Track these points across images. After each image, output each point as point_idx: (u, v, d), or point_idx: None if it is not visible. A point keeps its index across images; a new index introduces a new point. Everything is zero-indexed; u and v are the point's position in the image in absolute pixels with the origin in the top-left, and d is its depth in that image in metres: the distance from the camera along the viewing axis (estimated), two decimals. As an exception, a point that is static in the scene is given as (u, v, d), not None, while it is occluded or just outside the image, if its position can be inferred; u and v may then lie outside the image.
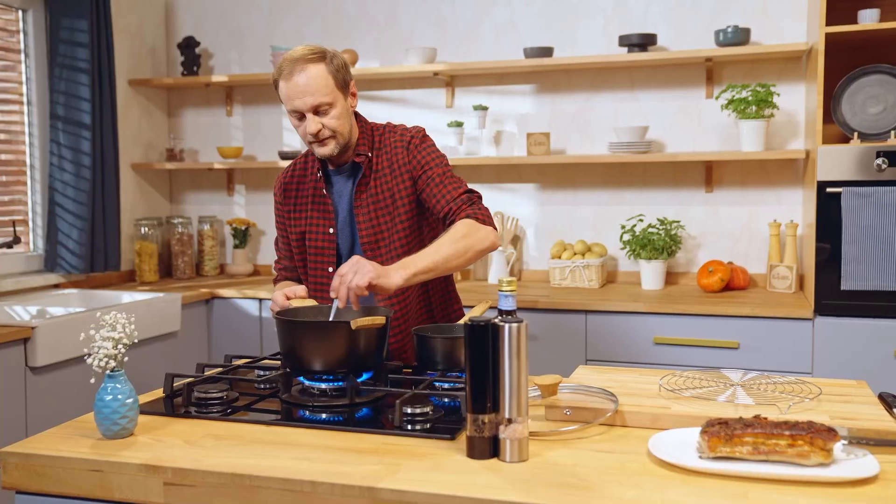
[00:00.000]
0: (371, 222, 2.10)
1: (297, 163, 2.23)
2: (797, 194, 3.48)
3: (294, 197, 2.20)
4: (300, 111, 1.99)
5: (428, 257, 1.90)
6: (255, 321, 3.60)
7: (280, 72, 1.99)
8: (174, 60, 4.29)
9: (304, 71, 1.96)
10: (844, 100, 3.09)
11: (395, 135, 2.14)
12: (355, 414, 1.65)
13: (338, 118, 2.01)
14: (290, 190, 2.21)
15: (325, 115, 2.00)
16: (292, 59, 1.98)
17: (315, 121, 1.98)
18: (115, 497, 1.42)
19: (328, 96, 1.98)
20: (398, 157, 2.10)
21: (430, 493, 1.26)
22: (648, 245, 3.43)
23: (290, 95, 1.98)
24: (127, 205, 4.01)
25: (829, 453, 1.29)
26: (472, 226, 1.99)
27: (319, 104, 1.98)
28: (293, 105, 1.99)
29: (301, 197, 2.19)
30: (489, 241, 2.01)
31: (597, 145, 3.71)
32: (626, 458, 1.39)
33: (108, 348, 1.49)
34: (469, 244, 1.96)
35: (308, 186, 2.18)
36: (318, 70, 1.97)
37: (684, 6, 3.56)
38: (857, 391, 1.70)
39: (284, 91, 1.99)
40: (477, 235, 1.98)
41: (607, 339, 3.14)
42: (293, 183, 2.21)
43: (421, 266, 1.88)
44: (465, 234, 1.96)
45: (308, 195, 2.17)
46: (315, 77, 1.97)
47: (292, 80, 1.97)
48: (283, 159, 3.95)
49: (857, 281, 2.87)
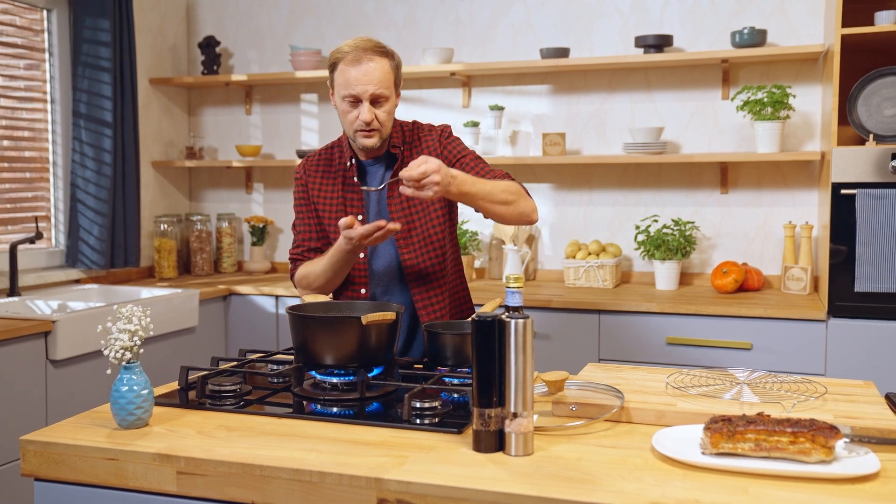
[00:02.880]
0: (403, 212, 2.16)
1: (323, 152, 2.28)
2: (813, 196, 3.47)
3: (320, 183, 2.24)
4: (358, 98, 2.06)
5: (476, 183, 2.00)
6: (271, 318, 3.64)
7: (343, 56, 2.06)
8: (195, 59, 4.35)
9: (371, 61, 2.05)
10: (860, 101, 3.08)
11: (425, 130, 2.23)
12: (365, 408, 1.68)
13: (388, 113, 2.11)
14: (315, 176, 2.25)
15: (379, 108, 2.09)
16: (361, 48, 2.06)
17: (370, 110, 2.07)
18: (130, 485, 1.45)
19: (387, 90, 2.08)
20: (432, 150, 2.18)
21: (435, 484, 1.28)
22: (663, 246, 3.44)
23: (352, 81, 2.05)
24: (147, 202, 4.07)
25: (831, 451, 1.30)
26: (520, 190, 2.11)
27: (379, 95, 2.07)
28: (353, 90, 2.06)
29: (326, 184, 2.23)
30: (531, 207, 2.12)
31: (612, 146, 3.72)
32: (629, 453, 1.41)
33: (125, 340, 1.53)
34: (513, 199, 2.08)
35: (336, 174, 2.22)
36: (383, 63, 2.07)
37: (701, 7, 3.57)
38: (863, 391, 1.70)
39: (347, 75, 2.06)
40: (523, 198, 2.11)
41: (620, 338, 3.15)
42: (319, 168, 2.25)
43: (467, 188, 1.98)
44: (515, 191, 2.09)
45: (337, 183, 2.21)
46: (381, 69, 2.06)
47: (360, 66, 2.05)
48: (301, 158, 3.99)
49: (870, 283, 2.87)
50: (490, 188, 2.04)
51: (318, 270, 2.16)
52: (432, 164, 1.87)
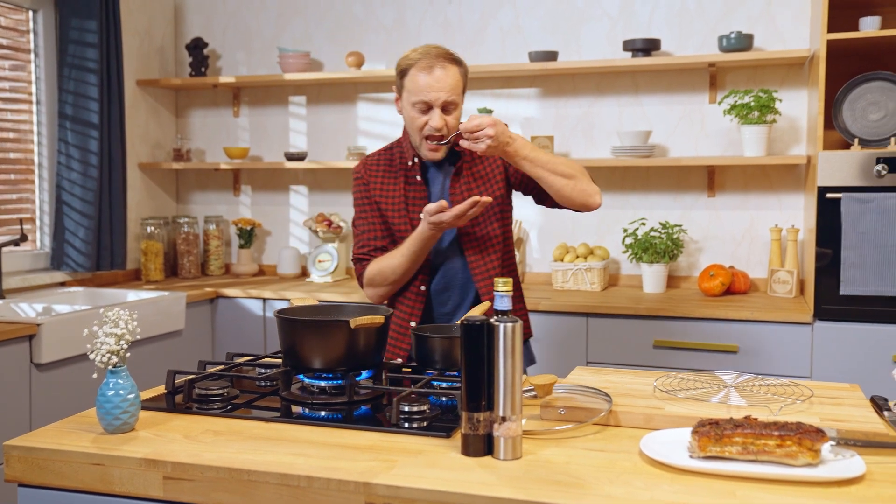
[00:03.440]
0: None
1: (383, 152, 2.32)
2: (799, 199, 3.49)
3: (380, 182, 2.27)
4: (430, 104, 2.09)
5: (536, 150, 2.06)
6: (258, 321, 3.63)
7: (415, 62, 2.10)
8: (182, 61, 4.33)
9: (444, 68, 2.09)
10: (845, 106, 3.10)
11: None
12: (353, 412, 1.68)
13: (457, 119, 2.15)
14: (377, 175, 2.28)
15: (449, 115, 2.13)
16: (434, 55, 2.10)
17: (441, 116, 2.10)
18: (116, 490, 1.44)
19: (458, 97, 2.13)
20: None
21: (423, 488, 1.28)
22: (650, 249, 3.45)
23: (426, 87, 2.08)
24: (133, 204, 4.05)
25: (817, 454, 1.31)
26: (584, 170, 2.15)
27: (451, 102, 2.11)
28: (426, 97, 2.09)
29: (387, 183, 2.26)
30: (595, 190, 2.14)
31: (600, 149, 3.73)
32: (617, 457, 1.41)
33: (111, 344, 1.52)
34: (576, 175, 2.11)
35: (397, 173, 2.25)
36: (455, 71, 2.12)
37: (688, 12, 3.58)
38: (848, 394, 1.71)
39: (419, 80, 2.09)
40: (586, 178, 2.15)
41: (608, 341, 3.16)
42: (380, 169, 2.28)
43: (526, 152, 2.04)
44: (578, 168, 2.13)
45: (399, 182, 2.24)
46: (453, 76, 2.11)
47: (433, 73, 2.08)
48: (289, 160, 3.98)
49: (856, 286, 2.88)
50: (551, 157, 2.09)
51: (396, 263, 2.19)
52: (488, 119, 1.96)
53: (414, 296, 2.25)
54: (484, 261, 2.24)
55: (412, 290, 2.26)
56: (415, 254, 2.16)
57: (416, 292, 2.25)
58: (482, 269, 2.23)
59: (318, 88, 4.13)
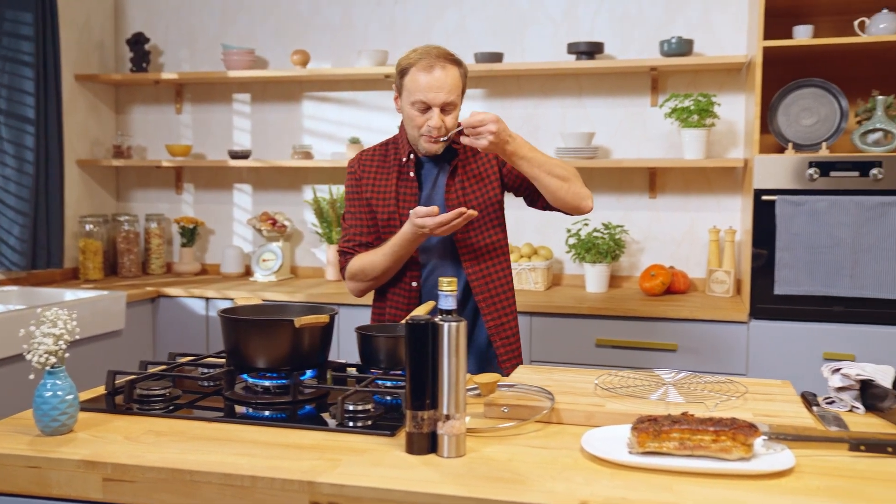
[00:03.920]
0: (463, 205, 2.19)
1: (378, 147, 2.32)
2: (736, 201, 3.59)
3: (373, 177, 2.27)
4: (429, 104, 2.10)
5: (534, 150, 2.08)
6: (201, 320, 3.58)
7: (415, 62, 2.10)
8: (123, 56, 4.25)
9: (444, 69, 2.09)
10: (780, 111, 3.20)
11: None
12: (298, 411, 1.68)
13: (455, 119, 2.16)
14: (370, 170, 2.28)
15: (448, 115, 2.13)
16: (434, 55, 2.10)
17: (439, 116, 2.11)
18: (53, 493, 1.42)
19: (457, 97, 2.14)
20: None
21: (368, 486, 1.29)
22: (593, 249, 3.51)
23: (425, 86, 2.09)
24: (72, 201, 3.96)
25: (750, 448, 1.35)
26: (577, 174, 2.18)
27: (450, 102, 2.11)
28: (425, 97, 2.09)
29: (381, 178, 2.26)
30: (587, 193, 2.18)
31: (545, 150, 3.70)
32: (559, 453, 1.44)
33: (49, 344, 1.49)
34: (570, 178, 2.14)
35: (391, 169, 2.26)
36: (455, 72, 2.13)
37: (630, 16, 3.65)
38: (780, 390, 1.77)
39: (419, 80, 2.09)
40: (579, 181, 2.18)
41: (551, 340, 3.20)
42: (373, 163, 2.29)
43: (525, 152, 2.06)
44: (572, 171, 2.16)
45: (391, 177, 2.24)
46: (453, 77, 2.11)
47: (432, 73, 2.09)
48: (233, 158, 3.94)
49: (789, 286, 2.98)
50: (547, 158, 2.12)
51: (377, 261, 2.19)
52: (491, 115, 1.98)
53: (406, 293, 2.25)
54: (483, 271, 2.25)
55: (402, 287, 2.25)
56: (397, 254, 2.16)
57: (407, 289, 2.25)
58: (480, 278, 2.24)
59: (263, 86, 4.10)
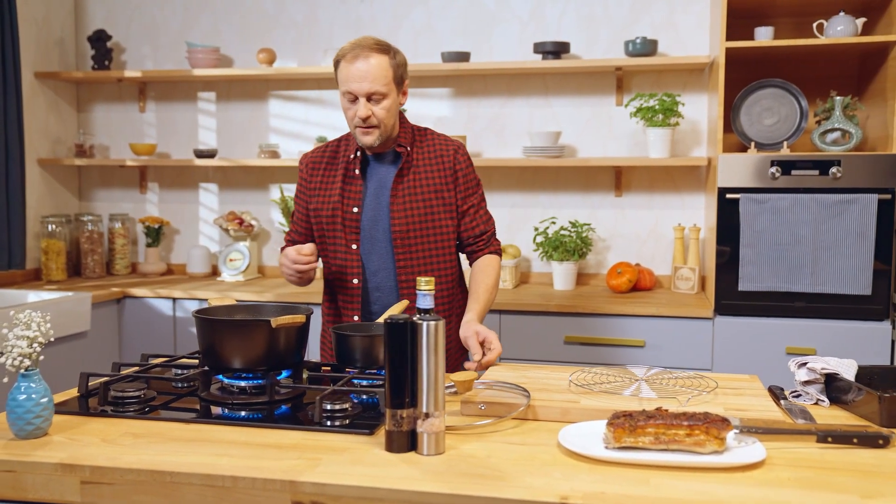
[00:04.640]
0: (406, 211, 2.20)
1: (330, 144, 2.33)
2: (700, 199, 3.65)
3: (321, 174, 2.28)
4: (356, 94, 2.10)
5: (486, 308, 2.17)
6: (168, 321, 3.55)
7: (344, 54, 2.12)
8: (84, 53, 4.19)
9: (367, 58, 2.09)
10: (743, 111, 3.27)
11: (439, 138, 2.29)
12: (274, 411, 1.68)
13: (387, 110, 2.14)
14: (318, 168, 2.30)
15: (377, 105, 2.13)
16: (359, 45, 2.11)
17: (367, 107, 2.11)
18: (30, 497, 1.41)
19: (384, 87, 2.11)
20: (445, 158, 2.25)
21: (349, 485, 1.30)
22: (560, 247, 3.54)
23: (349, 77, 2.10)
24: (33, 201, 3.90)
25: (723, 441, 1.39)
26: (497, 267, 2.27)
27: (375, 92, 2.10)
28: (349, 87, 2.10)
29: (328, 176, 2.27)
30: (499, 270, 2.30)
31: (511, 149, 3.80)
32: (537, 449, 1.46)
33: (23, 347, 1.48)
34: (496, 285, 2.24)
35: (339, 166, 2.27)
36: (380, 60, 2.11)
37: (596, 16, 3.69)
38: (749, 385, 1.82)
39: (344, 72, 2.11)
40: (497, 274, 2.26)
41: (520, 338, 3.23)
42: (322, 161, 2.30)
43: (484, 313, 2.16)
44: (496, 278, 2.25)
45: (338, 174, 2.25)
46: (376, 66, 2.10)
47: (355, 63, 2.09)
48: (198, 157, 3.90)
49: (752, 282, 3.04)
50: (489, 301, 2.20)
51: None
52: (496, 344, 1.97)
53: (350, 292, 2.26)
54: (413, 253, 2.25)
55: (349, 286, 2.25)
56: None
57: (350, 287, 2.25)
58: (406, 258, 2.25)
59: (229, 85, 4.07)
